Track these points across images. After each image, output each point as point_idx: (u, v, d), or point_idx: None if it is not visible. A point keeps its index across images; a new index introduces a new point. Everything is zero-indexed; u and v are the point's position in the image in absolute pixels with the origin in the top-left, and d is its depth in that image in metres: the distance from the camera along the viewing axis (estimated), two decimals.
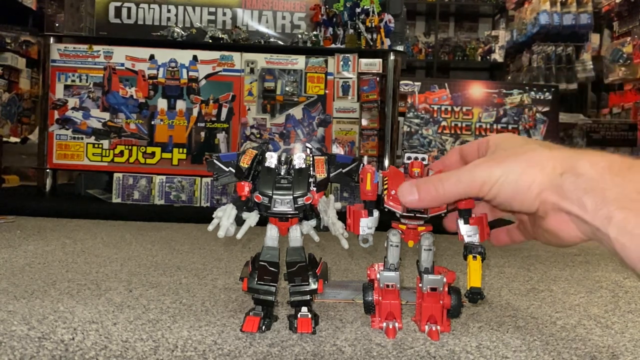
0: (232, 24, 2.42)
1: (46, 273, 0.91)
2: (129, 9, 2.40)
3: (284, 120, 2.15)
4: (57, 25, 2.58)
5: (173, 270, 0.98)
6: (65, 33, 2.43)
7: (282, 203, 0.60)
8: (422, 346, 0.60)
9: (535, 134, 4.25)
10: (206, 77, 2.15)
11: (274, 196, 0.60)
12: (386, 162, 2.17)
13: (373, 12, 2.26)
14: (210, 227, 0.62)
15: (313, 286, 0.64)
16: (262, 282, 0.63)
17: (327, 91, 2.15)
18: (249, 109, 2.16)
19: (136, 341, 0.58)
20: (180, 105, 2.15)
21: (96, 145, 2.12)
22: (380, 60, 2.18)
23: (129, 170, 2.11)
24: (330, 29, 2.29)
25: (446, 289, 0.63)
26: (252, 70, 2.16)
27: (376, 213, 0.64)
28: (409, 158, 0.63)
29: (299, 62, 2.15)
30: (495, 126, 4.27)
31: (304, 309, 0.64)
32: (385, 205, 0.61)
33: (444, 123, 4.35)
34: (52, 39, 2.17)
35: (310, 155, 0.63)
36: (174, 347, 0.57)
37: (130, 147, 2.13)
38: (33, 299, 0.73)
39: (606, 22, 4.71)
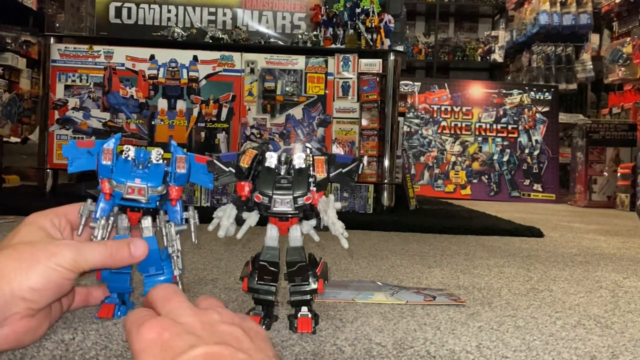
0: (232, 24, 2.42)
1: None
2: (129, 9, 2.40)
3: (284, 120, 2.16)
4: (57, 25, 2.58)
5: None
6: (66, 33, 2.42)
7: (282, 203, 0.60)
8: (422, 346, 0.60)
9: (535, 134, 4.25)
10: (206, 77, 2.15)
11: (274, 196, 0.60)
12: (386, 162, 2.17)
13: (373, 12, 2.26)
14: (211, 227, 0.63)
15: (313, 286, 0.64)
16: (262, 282, 0.63)
17: (327, 91, 2.15)
18: (249, 109, 2.16)
19: None
20: (181, 105, 2.15)
21: None
22: (380, 60, 2.18)
23: None
24: (330, 29, 2.29)
25: None
26: (252, 71, 2.16)
27: None
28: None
29: (299, 62, 2.15)
30: (495, 126, 4.28)
31: (304, 309, 0.64)
32: None
33: (443, 123, 4.35)
34: (52, 39, 2.17)
35: (310, 155, 0.63)
36: None
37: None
38: None
39: (606, 23, 4.72)
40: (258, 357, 0.41)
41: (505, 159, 4.20)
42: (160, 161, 0.63)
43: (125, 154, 0.63)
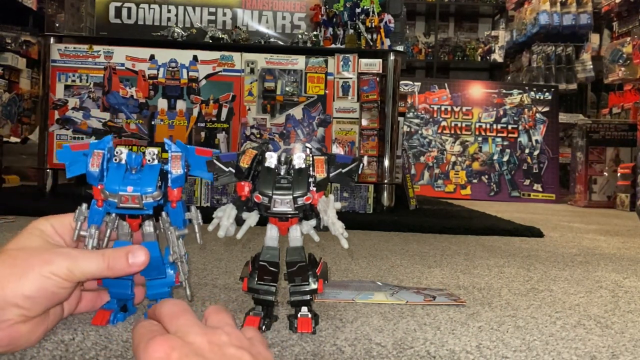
0: (232, 24, 2.42)
1: None
2: (129, 9, 2.40)
3: (284, 120, 2.16)
4: (57, 25, 2.58)
5: None
6: (66, 33, 2.42)
7: (282, 203, 0.60)
8: (422, 346, 0.60)
9: (535, 134, 4.25)
10: (206, 77, 2.15)
11: (274, 196, 0.60)
12: (386, 162, 2.17)
13: (373, 12, 2.26)
14: (210, 227, 0.62)
15: (313, 286, 0.64)
16: (262, 282, 0.63)
17: (327, 91, 2.15)
18: (249, 109, 2.16)
19: None
20: (181, 105, 2.15)
21: None
22: (380, 60, 2.18)
23: None
24: (330, 29, 2.29)
25: None
26: (252, 71, 2.16)
27: None
28: None
29: (299, 62, 2.15)
30: (495, 126, 4.28)
31: (304, 309, 0.64)
32: None
33: (443, 123, 4.35)
34: (52, 39, 2.17)
35: (310, 155, 0.63)
36: None
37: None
38: None
39: (606, 23, 4.72)
40: None
41: (505, 159, 4.20)
42: (155, 162, 0.61)
43: (116, 158, 0.61)
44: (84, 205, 0.61)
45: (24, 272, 0.52)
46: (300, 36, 2.29)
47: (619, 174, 3.51)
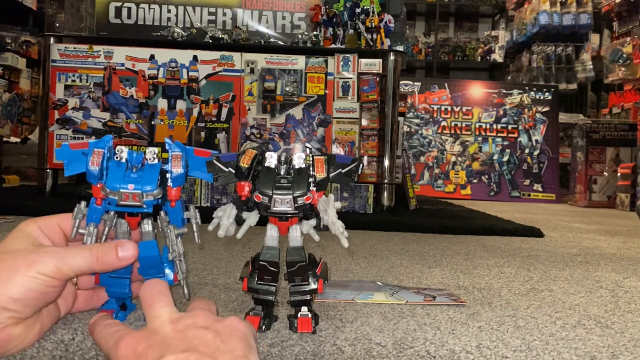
0: (232, 24, 2.42)
1: None
2: (129, 9, 2.40)
3: (284, 120, 2.16)
4: (57, 25, 2.58)
5: None
6: (66, 33, 2.42)
7: (282, 203, 0.60)
8: (422, 346, 0.60)
9: (535, 133, 4.25)
10: (206, 77, 2.15)
11: (274, 196, 0.60)
12: (386, 162, 2.17)
13: (373, 12, 2.26)
14: (211, 227, 0.62)
15: (313, 286, 0.64)
16: (262, 282, 0.63)
17: (327, 91, 2.15)
18: (249, 109, 2.16)
19: None
20: (181, 105, 2.15)
21: None
22: (380, 60, 2.18)
23: None
24: (330, 29, 2.29)
25: None
26: (252, 71, 2.16)
27: None
28: None
29: (299, 62, 2.15)
30: (495, 126, 4.28)
31: (304, 309, 0.64)
32: None
33: (443, 123, 4.35)
34: (52, 39, 2.17)
35: (310, 155, 0.63)
36: None
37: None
38: None
39: (606, 22, 4.72)
40: (223, 358, 0.43)
41: (505, 159, 4.20)
42: (156, 161, 0.61)
43: (117, 156, 0.60)
44: (83, 204, 0.60)
45: (10, 274, 0.51)
46: (300, 36, 2.30)
47: (619, 174, 3.51)
